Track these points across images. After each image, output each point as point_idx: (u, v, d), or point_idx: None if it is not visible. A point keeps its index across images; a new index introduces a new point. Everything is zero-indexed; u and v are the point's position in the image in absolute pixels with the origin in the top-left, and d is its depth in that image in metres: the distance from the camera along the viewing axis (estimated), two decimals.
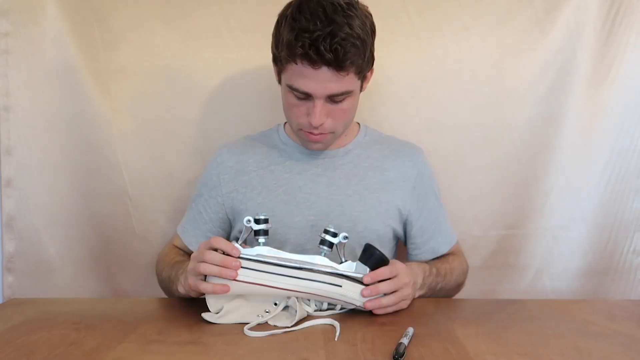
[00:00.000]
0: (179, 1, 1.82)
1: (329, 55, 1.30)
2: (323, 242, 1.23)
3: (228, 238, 1.63)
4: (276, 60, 1.46)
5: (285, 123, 1.68)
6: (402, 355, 0.95)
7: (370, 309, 1.22)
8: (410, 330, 1.07)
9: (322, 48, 1.29)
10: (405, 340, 1.01)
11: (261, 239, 1.21)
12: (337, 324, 1.14)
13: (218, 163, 1.61)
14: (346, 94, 1.40)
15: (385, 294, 1.24)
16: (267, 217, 1.22)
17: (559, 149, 1.86)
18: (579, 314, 1.27)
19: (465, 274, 1.61)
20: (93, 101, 1.79)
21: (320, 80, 1.35)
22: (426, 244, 1.59)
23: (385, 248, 1.55)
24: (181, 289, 1.30)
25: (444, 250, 1.61)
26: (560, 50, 1.82)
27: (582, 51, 1.81)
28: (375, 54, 1.53)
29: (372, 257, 1.23)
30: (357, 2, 1.40)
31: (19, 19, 1.74)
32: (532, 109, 1.85)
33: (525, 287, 1.92)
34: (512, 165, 1.88)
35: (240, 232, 1.42)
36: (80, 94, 1.78)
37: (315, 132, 1.44)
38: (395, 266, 1.26)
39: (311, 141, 1.49)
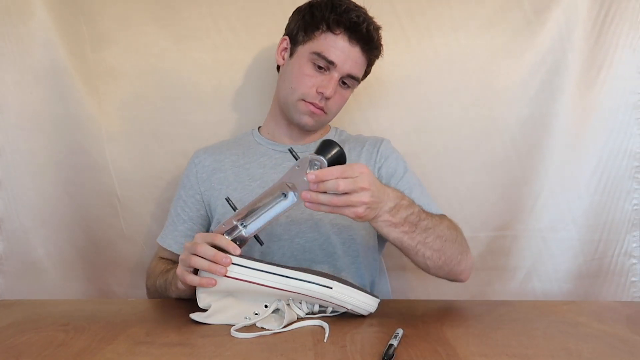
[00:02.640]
0: (168, 2, 1.83)
1: (373, 35, 1.53)
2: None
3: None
4: (303, 30, 1.55)
5: (259, 127, 1.74)
6: (391, 357, 0.95)
7: (307, 201, 1.13)
8: (400, 331, 1.07)
9: (370, 28, 1.52)
10: (394, 342, 1.01)
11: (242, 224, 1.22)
12: (326, 325, 1.14)
13: (195, 164, 1.65)
14: (356, 80, 1.57)
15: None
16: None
17: (549, 150, 1.86)
18: (568, 315, 1.27)
19: (459, 232, 1.45)
20: (82, 102, 1.79)
21: (350, 56, 1.52)
22: None
23: (362, 229, 1.56)
24: (180, 286, 1.31)
25: (428, 209, 1.45)
26: (550, 51, 1.83)
27: (572, 52, 1.82)
28: None
29: (330, 151, 1.13)
30: None
31: (7, 20, 1.74)
32: (522, 109, 1.86)
33: (515, 288, 1.93)
34: (501, 166, 1.89)
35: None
36: (69, 95, 1.79)
37: (319, 104, 1.53)
38: (353, 167, 1.12)
39: (309, 112, 1.55)
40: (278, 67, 1.66)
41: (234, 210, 1.23)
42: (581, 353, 1.02)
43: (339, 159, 1.13)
